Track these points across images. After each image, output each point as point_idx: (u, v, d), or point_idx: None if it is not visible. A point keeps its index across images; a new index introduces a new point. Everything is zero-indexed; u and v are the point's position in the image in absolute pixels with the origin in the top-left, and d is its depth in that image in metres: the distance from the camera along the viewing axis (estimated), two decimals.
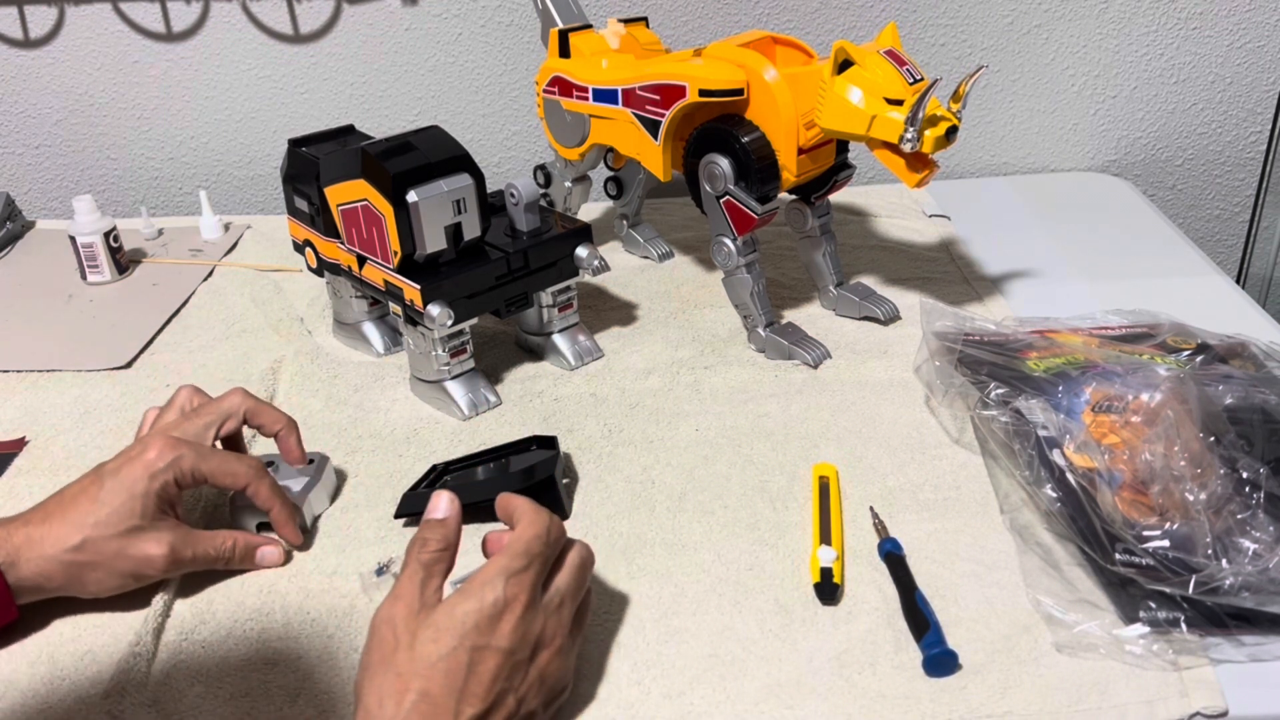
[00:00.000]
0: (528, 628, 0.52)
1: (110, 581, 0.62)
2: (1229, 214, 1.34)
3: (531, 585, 0.53)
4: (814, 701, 0.56)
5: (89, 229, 1.03)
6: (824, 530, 0.67)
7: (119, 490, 0.62)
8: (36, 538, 0.60)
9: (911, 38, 1.22)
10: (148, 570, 0.62)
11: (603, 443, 0.78)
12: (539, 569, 0.54)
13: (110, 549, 0.61)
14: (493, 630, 0.51)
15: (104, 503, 0.61)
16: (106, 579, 0.62)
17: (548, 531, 0.55)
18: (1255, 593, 0.56)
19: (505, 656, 0.51)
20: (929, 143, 0.75)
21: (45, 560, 0.60)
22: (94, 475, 0.63)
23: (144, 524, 0.62)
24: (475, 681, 0.50)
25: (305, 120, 1.24)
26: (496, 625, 0.51)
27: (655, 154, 0.87)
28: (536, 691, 0.52)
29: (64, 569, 0.60)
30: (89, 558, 0.61)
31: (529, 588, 0.53)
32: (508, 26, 1.21)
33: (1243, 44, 1.22)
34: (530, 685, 0.52)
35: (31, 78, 1.23)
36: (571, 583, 0.56)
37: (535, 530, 0.54)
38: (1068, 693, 0.56)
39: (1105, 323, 0.83)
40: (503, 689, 0.51)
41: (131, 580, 0.63)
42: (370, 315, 0.91)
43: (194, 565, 0.65)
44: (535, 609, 0.53)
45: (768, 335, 0.88)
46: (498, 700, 0.50)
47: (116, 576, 0.62)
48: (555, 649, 0.53)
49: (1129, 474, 0.64)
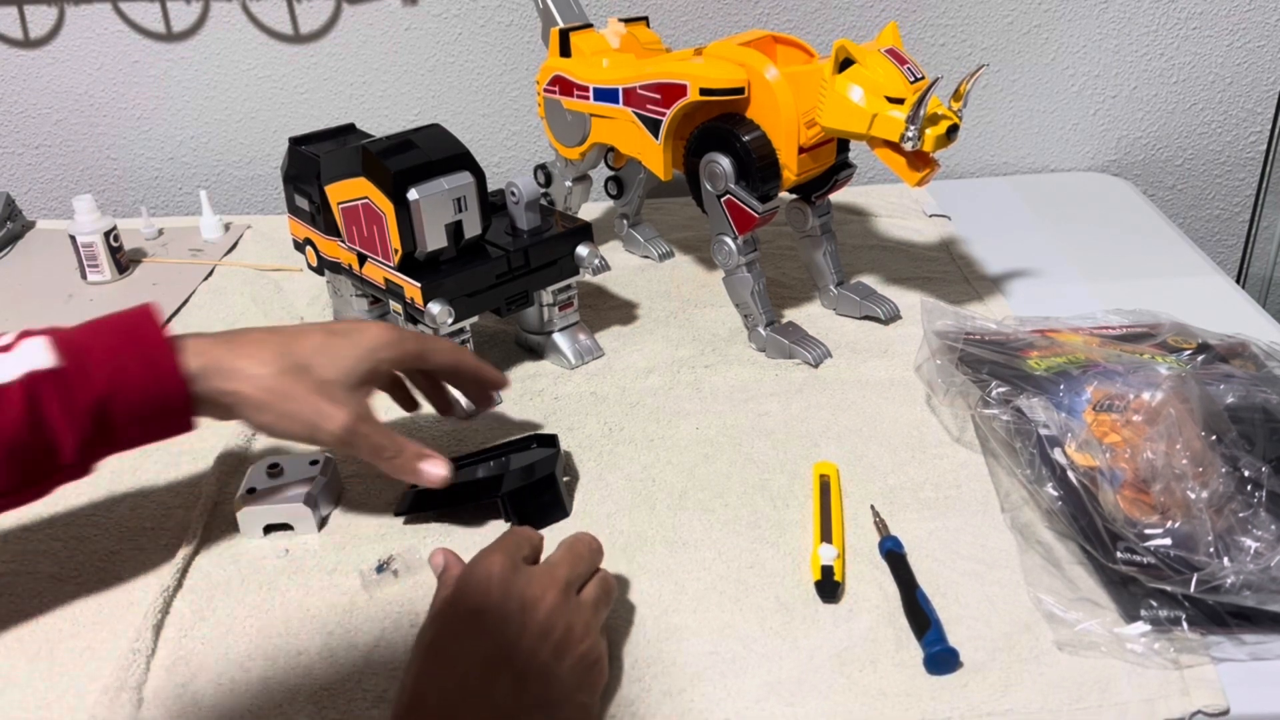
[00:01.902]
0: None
1: (287, 423, 0.61)
2: (1229, 214, 1.34)
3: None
4: (815, 699, 0.56)
5: (89, 229, 1.03)
6: (825, 528, 0.67)
7: (337, 346, 0.63)
8: (238, 355, 0.60)
9: (912, 37, 1.22)
10: (326, 426, 0.61)
11: (603, 441, 0.78)
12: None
13: (302, 390, 0.61)
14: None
15: (317, 349, 0.62)
16: (285, 419, 0.61)
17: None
18: (1256, 591, 0.56)
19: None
20: (930, 141, 0.75)
21: (240, 377, 0.60)
22: (311, 325, 0.65)
23: (344, 383, 0.62)
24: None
25: (305, 120, 1.24)
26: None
27: (656, 153, 0.87)
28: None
29: (254, 392, 0.60)
30: (281, 388, 0.60)
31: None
32: (508, 26, 1.21)
33: (1243, 44, 1.22)
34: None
35: (31, 78, 1.23)
36: (597, 592, 0.58)
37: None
38: (1069, 691, 0.56)
39: (1106, 322, 0.83)
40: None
41: (306, 432, 0.62)
42: (371, 314, 0.91)
43: (364, 445, 0.63)
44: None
45: (768, 334, 0.88)
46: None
47: (296, 421, 0.61)
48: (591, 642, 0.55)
49: (1130, 473, 0.64)
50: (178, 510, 0.72)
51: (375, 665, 0.59)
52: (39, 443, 0.56)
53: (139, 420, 0.58)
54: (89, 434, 0.57)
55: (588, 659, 0.54)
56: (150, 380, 0.58)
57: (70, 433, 0.56)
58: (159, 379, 0.58)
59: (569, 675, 0.52)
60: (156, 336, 0.59)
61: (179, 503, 0.73)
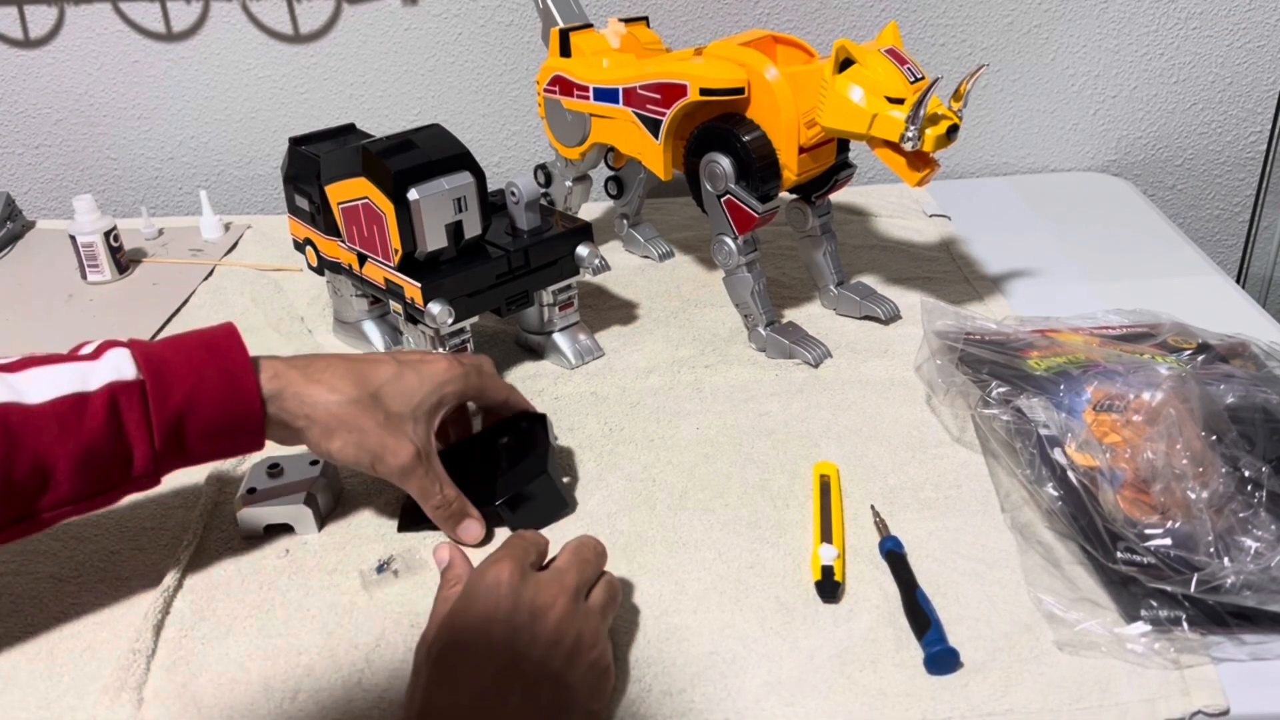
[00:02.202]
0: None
1: (351, 452, 0.63)
2: (1229, 214, 1.34)
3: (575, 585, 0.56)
4: (815, 699, 0.56)
5: (89, 229, 1.03)
6: (825, 528, 0.67)
7: (409, 380, 0.65)
8: (313, 379, 0.63)
9: (912, 37, 1.22)
10: (388, 460, 0.63)
11: (603, 441, 0.78)
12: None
13: (371, 422, 0.63)
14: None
15: (390, 381, 0.64)
16: (350, 448, 0.63)
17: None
18: (1257, 591, 0.56)
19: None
20: (930, 141, 0.75)
21: (313, 401, 0.62)
22: (390, 356, 0.67)
23: (411, 417, 0.64)
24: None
25: (305, 120, 1.24)
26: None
27: (656, 153, 0.87)
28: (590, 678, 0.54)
29: (324, 417, 0.62)
30: (350, 418, 0.62)
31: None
32: (508, 26, 1.21)
33: (1243, 44, 1.22)
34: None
35: (31, 78, 1.23)
36: (604, 597, 0.58)
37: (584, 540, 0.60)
38: (1069, 691, 0.56)
39: (1106, 322, 0.83)
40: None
41: (368, 461, 0.63)
42: (371, 314, 0.91)
43: (417, 485, 0.65)
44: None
45: (768, 334, 0.88)
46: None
47: (360, 450, 0.63)
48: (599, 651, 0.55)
49: (1130, 473, 0.64)
50: (178, 510, 0.72)
51: (375, 665, 0.59)
52: (116, 452, 0.57)
53: (213, 436, 0.60)
54: (163, 447, 0.58)
55: (597, 666, 0.54)
56: (229, 398, 0.59)
57: (145, 444, 0.58)
58: (238, 397, 0.60)
59: (580, 683, 0.52)
60: (239, 355, 0.60)
61: (179, 503, 0.73)
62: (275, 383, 0.61)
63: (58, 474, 0.56)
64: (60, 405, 0.56)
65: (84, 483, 0.57)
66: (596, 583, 0.58)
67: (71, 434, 0.55)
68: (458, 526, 0.67)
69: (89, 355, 0.58)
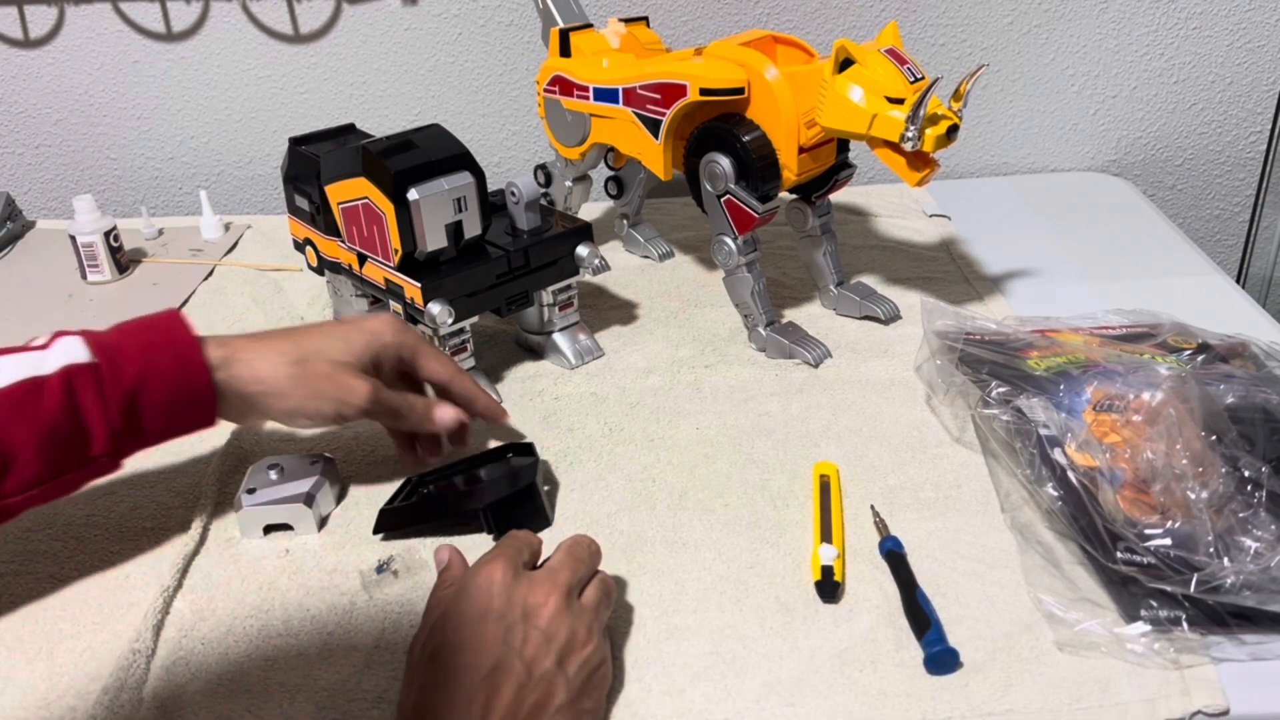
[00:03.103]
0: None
1: (313, 404, 0.65)
2: (1229, 214, 1.34)
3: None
4: (815, 699, 0.56)
5: (89, 229, 1.03)
6: (825, 528, 0.67)
7: (346, 334, 0.68)
8: (257, 346, 0.65)
9: (912, 37, 1.22)
10: (352, 400, 0.66)
11: (603, 441, 0.78)
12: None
13: (324, 370, 0.65)
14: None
15: (328, 337, 0.67)
16: (311, 399, 0.65)
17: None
18: (1256, 591, 0.56)
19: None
20: (930, 141, 0.75)
21: (263, 362, 0.64)
22: (314, 323, 0.70)
23: (355, 364, 0.67)
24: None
25: (305, 120, 1.24)
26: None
27: (656, 153, 0.87)
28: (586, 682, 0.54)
29: (277, 376, 0.64)
30: (303, 372, 0.65)
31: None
32: (508, 26, 1.21)
33: (1243, 44, 1.22)
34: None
35: (31, 78, 1.23)
36: (598, 595, 0.58)
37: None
38: (1069, 691, 0.56)
39: (1106, 322, 0.83)
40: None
41: (332, 409, 0.66)
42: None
43: (386, 410, 0.68)
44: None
45: (768, 334, 0.88)
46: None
47: (322, 400, 0.65)
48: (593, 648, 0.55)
49: (1130, 473, 0.64)
50: (178, 510, 0.72)
51: (375, 665, 0.59)
52: (74, 433, 0.58)
53: (168, 411, 0.61)
54: (119, 425, 0.60)
55: (590, 663, 0.54)
56: (179, 371, 0.61)
57: (102, 424, 0.59)
58: (187, 369, 0.61)
59: (574, 681, 0.52)
60: (183, 332, 0.63)
61: (179, 503, 0.73)
62: (221, 351, 0.63)
63: (18, 458, 0.57)
64: (16, 390, 0.57)
65: (45, 465, 0.58)
66: (590, 580, 0.58)
67: (29, 417, 0.57)
68: (435, 418, 0.70)
69: (40, 345, 0.60)
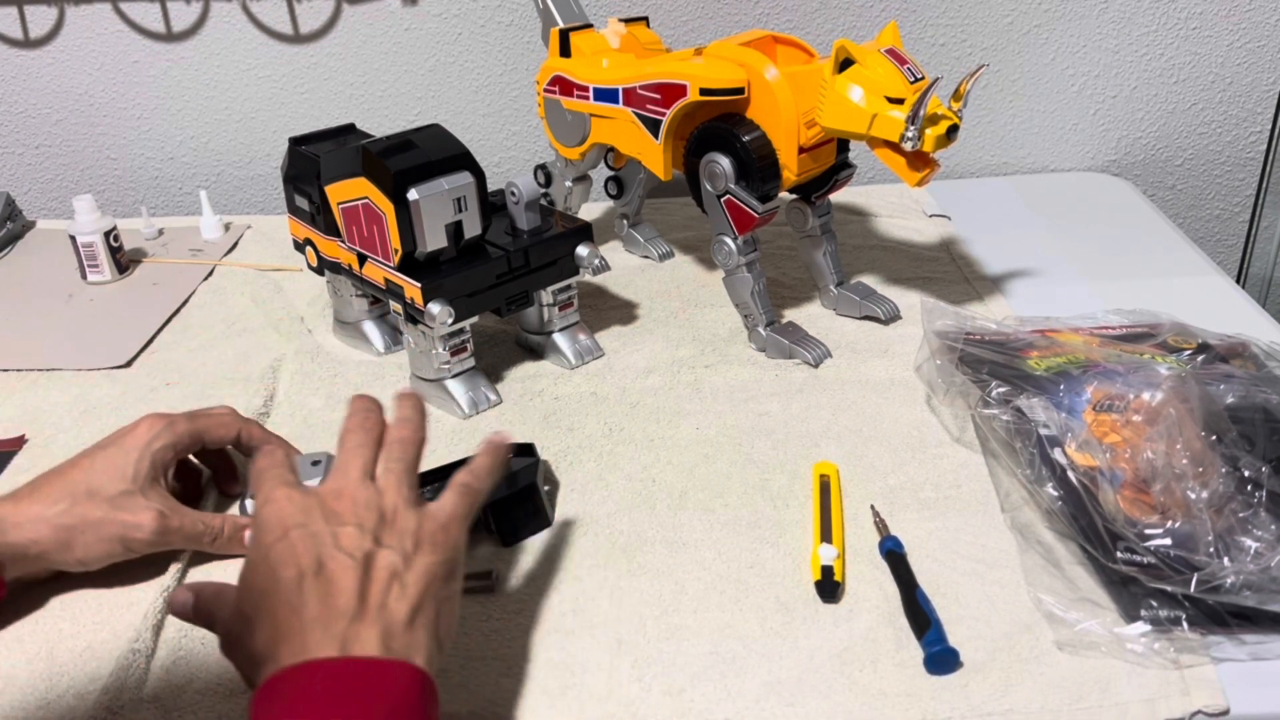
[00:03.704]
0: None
1: (98, 548, 0.62)
2: (1229, 214, 1.34)
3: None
4: (815, 699, 0.56)
5: (89, 229, 1.03)
6: (825, 528, 0.67)
7: (112, 458, 0.63)
8: (25, 504, 0.61)
9: (912, 37, 1.22)
10: (136, 535, 0.62)
11: (603, 441, 0.78)
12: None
13: (98, 513, 0.61)
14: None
15: (96, 470, 0.63)
16: (95, 545, 0.62)
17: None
18: (1257, 591, 0.56)
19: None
20: (930, 141, 0.75)
21: (34, 523, 0.60)
22: (84, 451, 0.65)
23: (134, 489, 0.63)
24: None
25: (305, 120, 1.24)
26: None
27: (656, 153, 0.87)
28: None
29: (52, 532, 0.61)
30: (76, 520, 0.61)
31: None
32: (508, 26, 1.21)
33: (1243, 44, 1.22)
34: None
35: (31, 78, 1.23)
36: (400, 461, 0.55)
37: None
38: (1069, 691, 0.56)
39: (1106, 322, 0.83)
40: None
41: (120, 547, 0.62)
42: (370, 314, 0.91)
43: (181, 537, 0.64)
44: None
45: (768, 334, 0.88)
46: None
47: (105, 542, 0.62)
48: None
49: (1130, 472, 0.64)
50: None
51: None
52: None
53: None
54: None
55: (413, 529, 0.51)
56: None
57: None
58: None
59: (407, 546, 0.50)
60: None
61: None
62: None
63: None
64: None
65: None
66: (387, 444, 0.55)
67: None
68: (242, 542, 0.66)
69: None
